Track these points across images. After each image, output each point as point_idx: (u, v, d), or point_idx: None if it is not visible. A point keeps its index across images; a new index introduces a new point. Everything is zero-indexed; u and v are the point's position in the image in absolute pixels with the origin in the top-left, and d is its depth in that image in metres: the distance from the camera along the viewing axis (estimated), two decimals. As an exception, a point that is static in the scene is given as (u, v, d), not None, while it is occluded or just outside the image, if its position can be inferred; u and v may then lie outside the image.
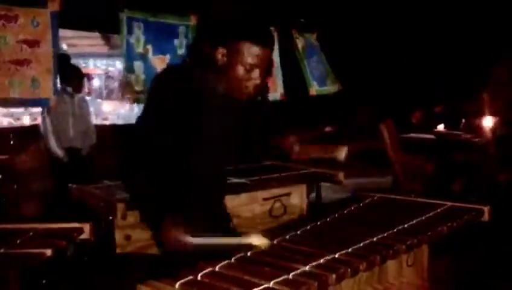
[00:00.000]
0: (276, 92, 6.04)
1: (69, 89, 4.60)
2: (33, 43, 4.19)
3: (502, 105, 5.52)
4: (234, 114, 1.95)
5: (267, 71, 1.86)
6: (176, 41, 5.11)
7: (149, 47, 4.97)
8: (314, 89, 6.43)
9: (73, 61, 6.19)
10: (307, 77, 6.39)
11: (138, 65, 4.88)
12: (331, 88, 6.71)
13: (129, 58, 4.87)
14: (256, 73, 1.79)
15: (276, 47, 6.16)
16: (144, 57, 4.93)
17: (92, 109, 5.31)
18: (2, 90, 4.08)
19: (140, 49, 4.94)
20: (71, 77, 4.65)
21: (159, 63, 4.70)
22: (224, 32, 1.82)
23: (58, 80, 4.45)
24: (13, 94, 4.16)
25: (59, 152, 4.48)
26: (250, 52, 1.75)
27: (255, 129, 2.16)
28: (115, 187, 2.87)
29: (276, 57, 6.13)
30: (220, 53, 1.79)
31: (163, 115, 1.79)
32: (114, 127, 6.03)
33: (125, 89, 4.93)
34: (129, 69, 4.85)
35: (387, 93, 8.88)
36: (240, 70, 1.78)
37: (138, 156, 1.76)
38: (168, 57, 5.00)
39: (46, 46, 4.23)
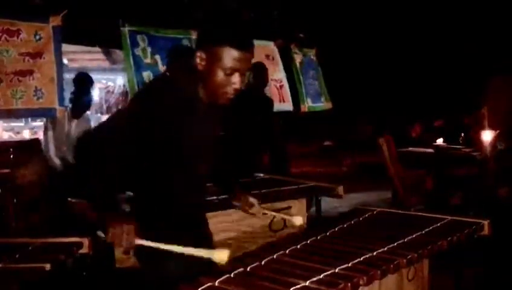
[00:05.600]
0: (285, 103, 6.09)
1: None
2: (36, 55, 4.19)
3: (501, 118, 5.54)
4: (215, 122, 1.92)
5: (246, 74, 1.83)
6: None
7: (157, 57, 5.04)
8: (307, 105, 6.48)
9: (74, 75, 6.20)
10: (301, 92, 6.44)
11: (147, 75, 4.93)
12: (323, 105, 6.77)
13: (137, 69, 4.90)
14: (236, 77, 1.76)
15: (279, 61, 6.21)
16: (153, 67, 4.98)
17: (92, 124, 5.30)
18: (5, 101, 4.06)
19: (148, 60, 5.00)
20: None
21: (169, 72, 4.76)
22: (202, 38, 1.80)
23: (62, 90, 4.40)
24: (16, 105, 4.13)
25: (57, 162, 4.49)
26: (230, 56, 1.72)
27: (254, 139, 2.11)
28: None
29: (281, 70, 6.18)
30: (199, 58, 1.76)
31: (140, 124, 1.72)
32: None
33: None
34: (138, 80, 4.88)
35: (386, 108, 8.93)
36: (220, 74, 1.74)
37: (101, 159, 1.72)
38: None
39: (49, 57, 4.23)
